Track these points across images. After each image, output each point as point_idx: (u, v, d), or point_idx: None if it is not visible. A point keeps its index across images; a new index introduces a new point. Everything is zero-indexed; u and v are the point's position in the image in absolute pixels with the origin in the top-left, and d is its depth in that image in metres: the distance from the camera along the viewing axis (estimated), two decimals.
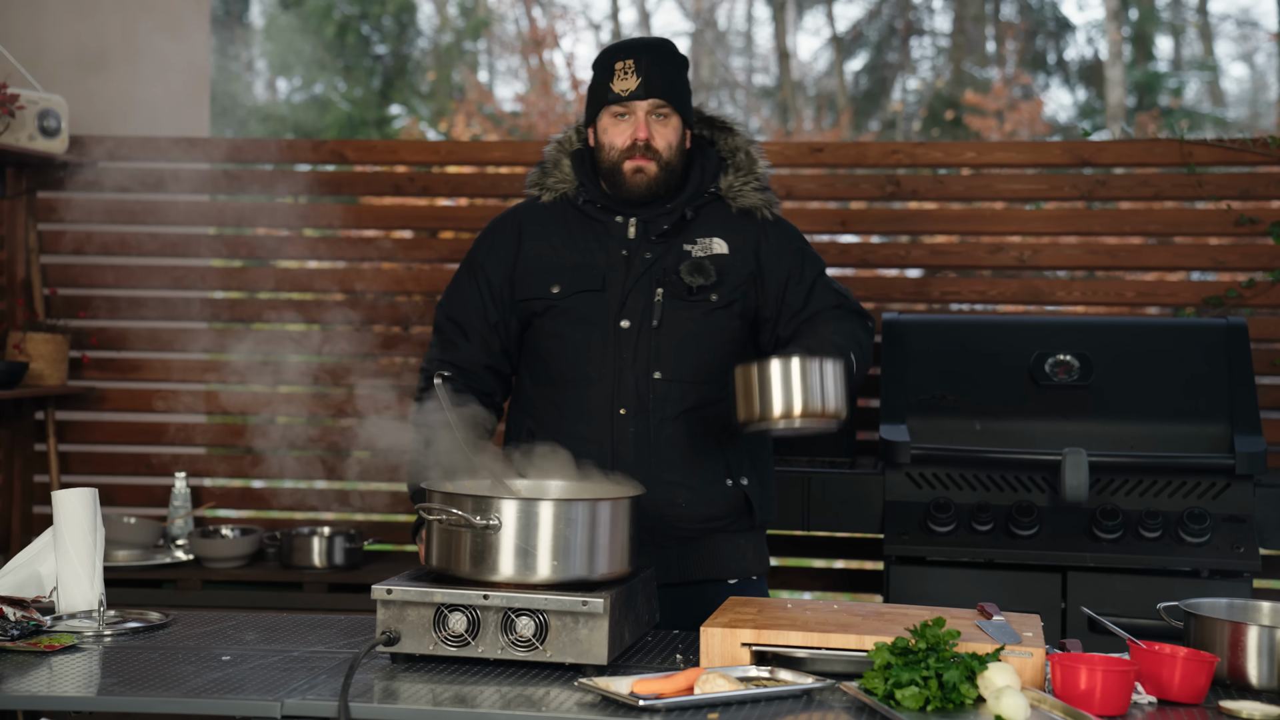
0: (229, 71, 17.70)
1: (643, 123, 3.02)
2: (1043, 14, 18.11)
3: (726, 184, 3.14)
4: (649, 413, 3.03)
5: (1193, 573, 3.98)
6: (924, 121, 17.21)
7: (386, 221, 5.44)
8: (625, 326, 3.05)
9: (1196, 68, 18.15)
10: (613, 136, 3.05)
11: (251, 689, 2.38)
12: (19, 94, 4.84)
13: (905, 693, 2.25)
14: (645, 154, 3.03)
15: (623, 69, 3.02)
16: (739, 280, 3.08)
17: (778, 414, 2.68)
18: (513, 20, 18.88)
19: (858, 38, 18.57)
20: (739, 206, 3.13)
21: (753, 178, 3.15)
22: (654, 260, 3.07)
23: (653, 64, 3.02)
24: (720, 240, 3.09)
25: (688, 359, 3.05)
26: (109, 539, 4.44)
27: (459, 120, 16.25)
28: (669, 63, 3.06)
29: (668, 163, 3.05)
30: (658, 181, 3.05)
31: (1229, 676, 2.49)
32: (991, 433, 4.22)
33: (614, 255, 3.09)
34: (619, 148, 3.04)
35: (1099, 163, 4.98)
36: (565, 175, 3.17)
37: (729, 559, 3.12)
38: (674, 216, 3.08)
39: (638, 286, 3.06)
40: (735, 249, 3.09)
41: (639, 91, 3.01)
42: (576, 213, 3.14)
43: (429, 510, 2.58)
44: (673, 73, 3.05)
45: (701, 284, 3.04)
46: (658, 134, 3.03)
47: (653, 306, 3.05)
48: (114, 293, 5.35)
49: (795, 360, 2.68)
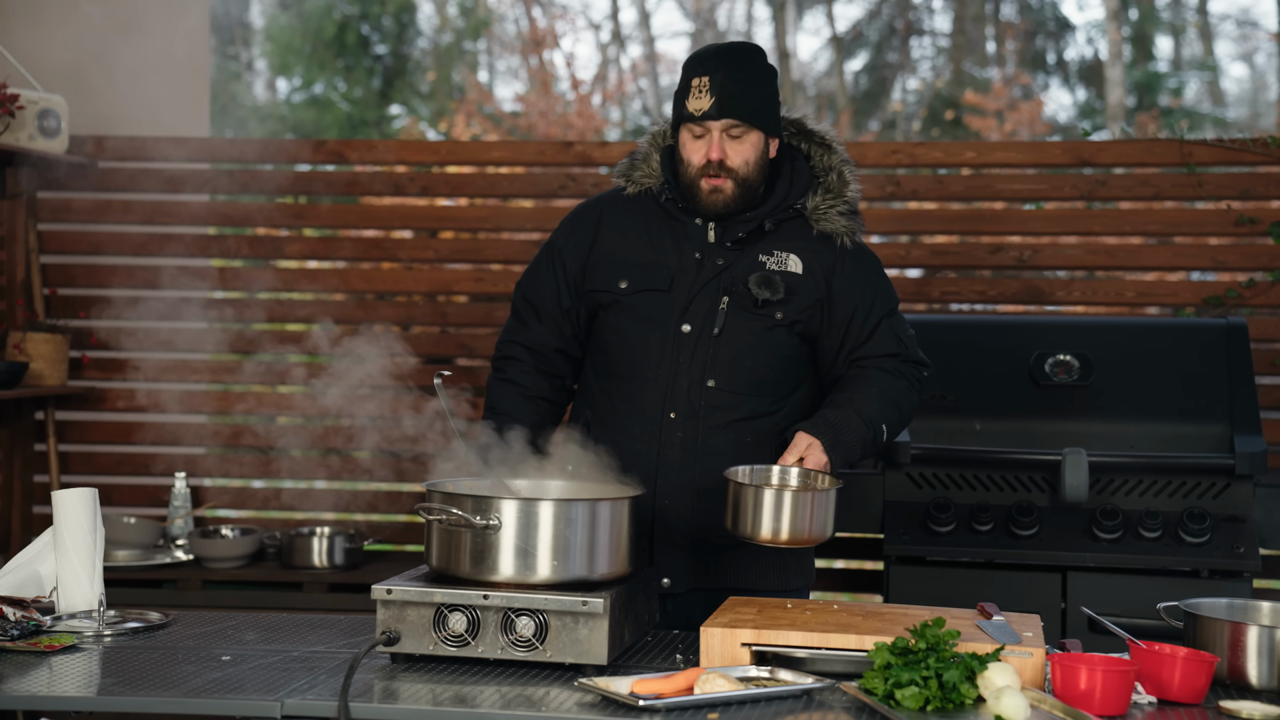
0: (229, 71, 17.70)
1: (717, 143, 2.96)
2: (1043, 14, 18.11)
3: (813, 204, 3.08)
4: (699, 419, 3.01)
5: (1193, 573, 3.98)
6: (924, 121, 17.21)
7: (386, 221, 5.44)
8: (686, 330, 3.02)
9: (1196, 68, 18.16)
10: (690, 153, 3.00)
11: (251, 689, 2.38)
12: (19, 94, 4.84)
13: (905, 693, 2.25)
14: (720, 173, 2.98)
15: (698, 86, 2.95)
16: (807, 303, 3.03)
17: (765, 537, 2.73)
18: (513, 20, 18.89)
19: (858, 38, 18.57)
20: (820, 229, 3.07)
21: (841, 201, 3.09)
22: (725, 267, 3.04)
23: (727, 81, 2.94)
24: (796, 258, 3.04)
25: (743, 370, 3.02)
26: (109, 539, 4.44)
27: (459, 120, 16.25)
28: (745, 79, 2.96)
29: (745, 179, 2.99)
30: (734, 199, 3.00)
31: (1229, 676, 2.49)
32: (991, 433, 4.22)
33: (687, 257, 3.05)
34: (695, 165, 3.00)
35: (1099, 163, 4.98)
36: (653, 170, 3.12)
37: (769, 571, 3.08)
38: (751, 225, 3.04)
39: (704, 291, 3.03)
40: (809, 270, 3.04)
41: (712, 111, 2.94)
42: (658, 209, 3.11)
43: (429, 510, 2.58)
44: (749, 90, 2.97)
45: (768, 298, 3.00)
46: (732, 153, 2.98)
47: (716, 314, 3.02)
48: (114, 293, 5.34)
49: (788, 495, 2.72)
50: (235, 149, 5.40)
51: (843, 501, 4.30)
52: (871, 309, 3.07)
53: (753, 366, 3.03)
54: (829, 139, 3.15)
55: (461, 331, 5.30)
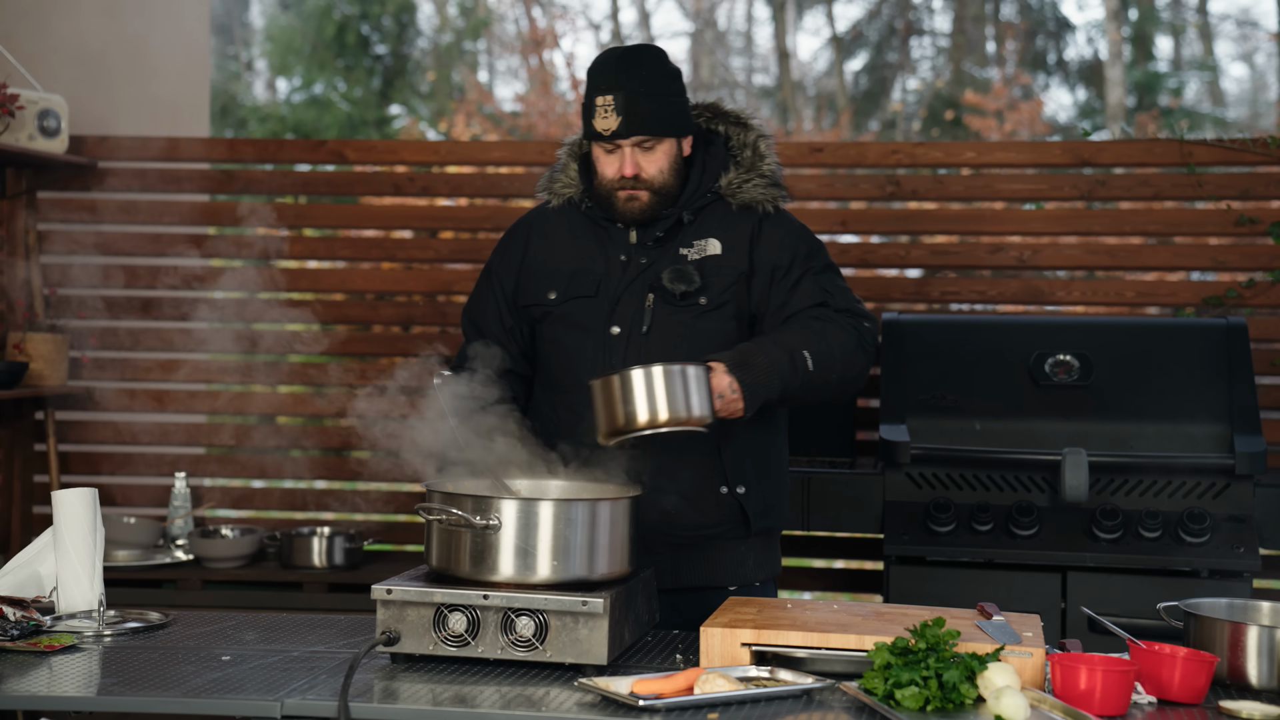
0: (229, 71, 17.70)
1: (629, 159, 2.98)
2: (1043, 14, 18.11)
3: (726, 181, 3.10)
4: None
5: (1193, 573, 3.98)
6: (924, 121, 17.21)
7: (386, 221, 5.44)
8: (616, 333, 3.04)
9: (1196, 68, 18.16)
10: (603, 167, 3.03)
11: (251, 689, 2.38)
12: (19, 94, 4.84)
13: (905, 693, 2.25)
14: (635, 185, 3.00)
15: (604, 105, 2.95)
16: (729, 281, 3.04)
17: (642, 421, 2.71)
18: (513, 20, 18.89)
19: (858, 38, 18.57)
20: (738, 203, 3.09)
21: (756, 174, 3.10)
22: (648, 265, 3.05)
23: (630, 99, 2.94)
24: (715, 241, 3.06)
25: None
26: (109, 539, 4.44)
27: (459, 120, 16.25)
28: (650, 93, 2.97)
29: (660, 187, 3.02)
30: (651, 206, 3.02)
31: (1229, 676, 2.49)
32: (991, 433, 4.22)
33: (613, 261, 3.08)
34: (609, 178, 3.02)
35: (1099, 163, 4.97)
36: (571, 180, 3.15)
37: (726, 566, 3.08)
38: (669, 222, 3.06)
39: (629, 292, 3.05)
40: (729, 248, 3.05)
41: (620, 130, 2.95)
42: (581, 217, 3.13)
43: (429, 510, 2.58)
44: (654, 104, 2.97)
45: (685, 290, 3.01)
46: (646, 164, 3.00)
47: (643, 312, 3.03)
48: (114, 293, 5.35)
49: (657, 368, 2.71)
50: (235, 149, 5.40)
51: (842, 501, 4.33)
52: (792, 265, 3.05)
53: (688, 358, 2.97)
54: (744, 117, 3.16)
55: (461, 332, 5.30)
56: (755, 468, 3.08)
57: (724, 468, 3.03)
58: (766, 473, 3.11)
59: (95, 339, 5.27)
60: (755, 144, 3.14)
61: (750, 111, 3.18)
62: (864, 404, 4.94)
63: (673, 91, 3.02)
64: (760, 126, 3.16)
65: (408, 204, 5.52)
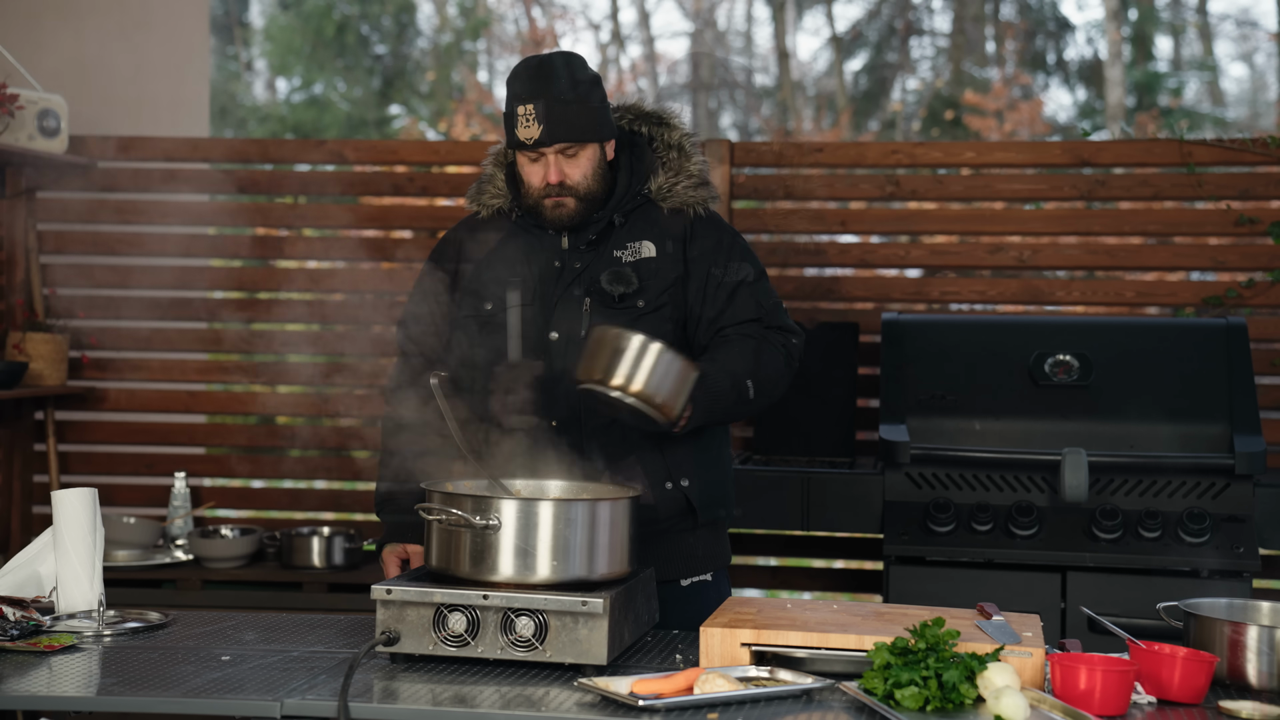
0: (229, 71, 17.70)
1: (554, 167, 2.97)
2: (1042, 14, 18.11)
3: (656, 185, 3.09)
4: (580, 423, 2.99)
5: (1192, 573, 3.98)
6: (924, 121, 17.22)
7: (386, 221, 5.44)
8: (554, 338, 3.03)
9: (1196, 68, 18.16)
10: (528, 175, 3.02)
11: (251, 689, 2.38)
12: (19, 94, 4.84)
13: (905, 693, 2.25)
14: (560, 192, 3.00)
15: (524, 114, 2.95)
16: (666, 284, 3.04)
17: (616, 382, 2.70)
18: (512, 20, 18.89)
19: (857, 38, 18.57)
20: (670, 206, 3.09)
21: (685, 175, 3.10)
22: (583, 269, 3.04)
23: (551, 107, 2.93)
24: (649, 243, 3.06)
25: None
26: (109, 539, 4.44)
27: (459, 120, 16.26)
28: (569, 100, 2.95)
29: (585, 192, 3.01)
30: (578, 212, 3.02)
31: (1228, 676, 2.49)
32: (991, 433, 4.22)
33: (547, 267, 3.07)
34: (535, 186, 3.01)
35: (1099, 163, 4.97)
36: (499, 190, 3.13)
37: (676, 559, 3.08)
38: (601, 225, 3.05)
39: (566, 296, 3.04)
40: (663, 251, 3.05)
41: (543, 138, 2.94)
42: (512, 226, 3.12)
43: (429, 510, 2.58)
44: (574, 111, 2.96)
45: (623, 291, 3.01)
46: (570, 171, 2.99)
47: (580, 316, 3.02)
48: (114, 293, 5.35)
49: (656, 344, 2.71)
50: (235, 149, 5.40)
51: (842, 501, 4.33)
52: (725, 274, 3.05)
53: None
54: (666, 116, 3.15)
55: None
56: (698, 460, 3.08)
57: (666, 463, 3.03)
58: (709, 465, 3.11)
59: (95, 339, 5.27)
60: (680, 143, 3.13)
61: (673, 110, 3.17)
62: (864, 404, 4.94)
63: (593, 97, 3.00)
64: (683, 125, 3.16)
65: (408, 204, 5.52)
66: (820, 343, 4.78)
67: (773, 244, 5.15)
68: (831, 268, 5.27)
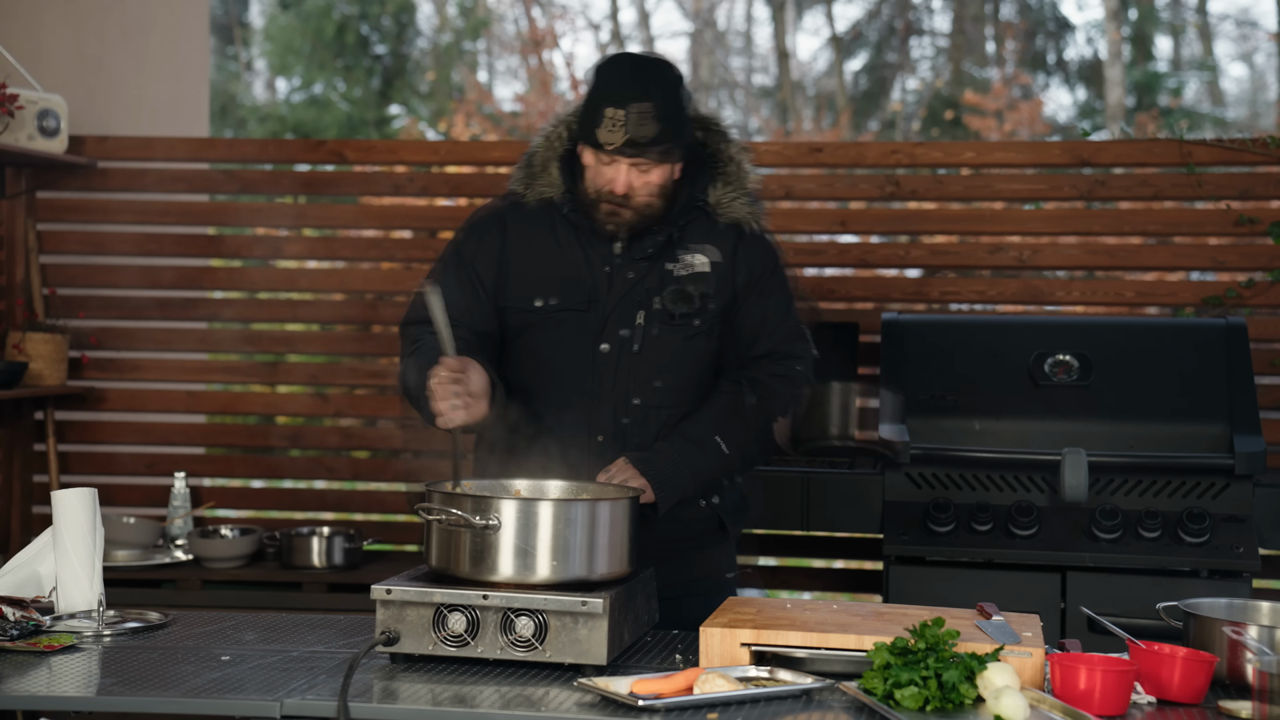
0: (229, 71, 17.70)
1: (624, 178, 2.88)
2: (1042, 14, 18.11)
3: (715, 197, 3.02)
4: (625, 440, 2.95)
5: (1192, 573, 3.98)
6: (923, 121, 17.21)
7: (386, 221, 5.44)
8: (605, 350, 2.96)
9: (1196, 68, 18.16)
10: (594, 174, 2.92)
11: (251, 689, 2.38)
12: (19, 94, 4.84)
13: (905, 693, 2.25)
14: (622, 203, 2.90)
15: (612, 118, 2.84)
16: (721, 304, 3.00)
17: None
18: (512, 20, 18.89)
19: (857, 38, 18.57)
20: (726, 220, 3.03)
21: (741, 191, 3.04)
22: (636, 280, 2.97)
23: (641, 120, 2.83)
24: (701, 258, 2.99)
25: (667, 384, 2.97)
26: (109, 539, 4.43)
27: (458, 120, 16.26)
28: (662, 116, 2.85)
29: (647, 207, 2.92)
30: (632, 224, 2.92)
31: (1228, 676, 2.49)
32: (991, 433, 4.22)
33: (598, 272, 2.97)
34: (598, 187, 2.91)
35: (1098, 163, 4.97)
36: (553, 180, 3.00)
37: (699, 570, 3.07)
38: (660, 237, 2.97)
39: (619, 308, 2.96)
40: (716, 264, 3.00)
41: (625, 149, 2.84)
42: (563, 220, 3.00)
43: (428, 510, 2.58)
44: (662, 126, 2.85)
45: (685, 311, 2.95)
46: (638, 184, 2.89)
47: (634, 330, 2.96)
48: (114, 293, 5.35)
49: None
50: (235, 149, 5.40)
51: (842, 501, 4.33)
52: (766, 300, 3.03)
53: (676, 379, 2.98)
54: (723, 126, 3.09)
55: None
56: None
57: None
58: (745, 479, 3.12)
59: (95, 339, 5.27)
60: (739, 158, 3.07)
61: (723, 119, 3.11)
62: (864, 404, 4.94)
63: (681, 115, 2.91)
64: (739, 140, 3.10)
65: (407, 204, 5.52)
66: (820, 343, 4.77)
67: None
68: (831, 268, 5.27)
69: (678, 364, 2.98)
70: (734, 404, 2.96)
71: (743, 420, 2.94)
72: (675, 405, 2.98)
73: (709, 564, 3.09)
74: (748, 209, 3.05)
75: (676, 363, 2.98)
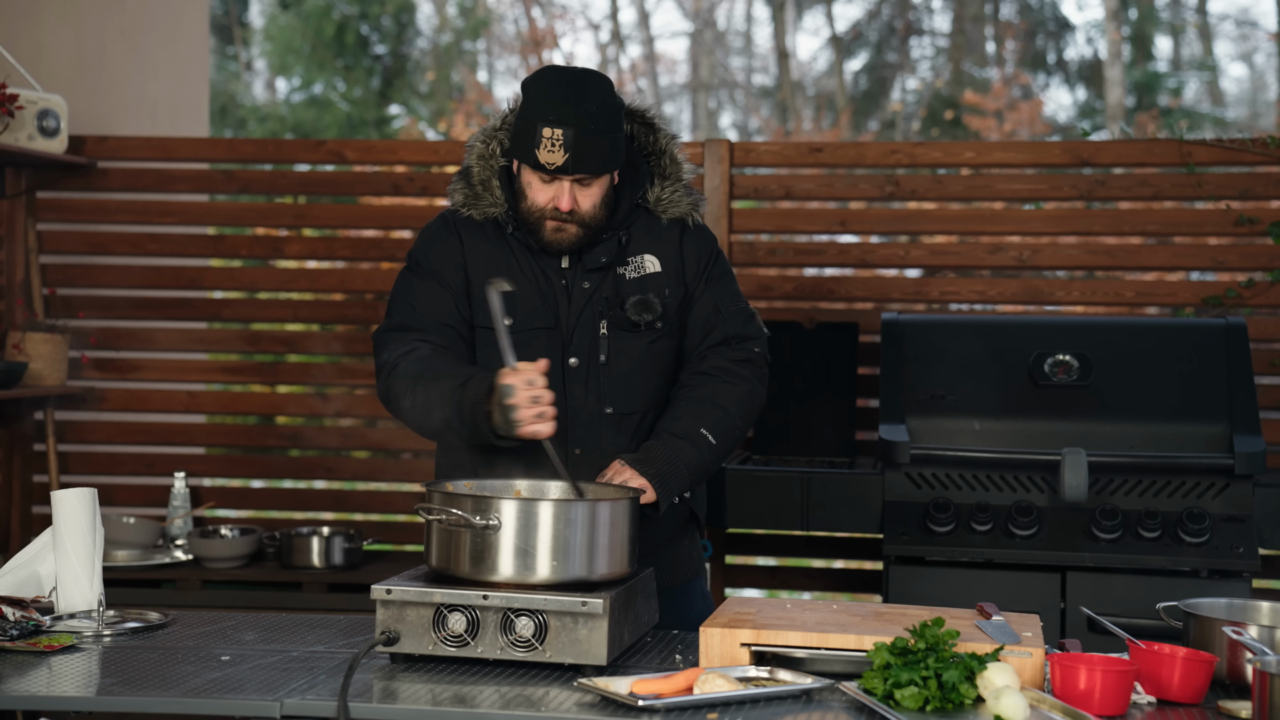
0: (228, 71, 17.70)
1: (567, 195, 2.85)
2: (1042, 14, 18.12)
3: (654, 196, 3.01)
4: (601, 449, 2.95)
5: (1192, 573, 3.98)
6: (923, 121, 17.22)
7: (386, 221, 5.44)
8: (574, 364, 2.95)
9: (1196, 68, 18.17)
10: (535, 194, 2.88)
11: (251, 689, 2.38)
12: (19, 94, 4.84)
13: (904, 693, 2.25)
14: (568, 219, 2.88)
15: (550, 138, 2.80)
16: (676, 302, 3.00)
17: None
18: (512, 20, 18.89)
19: (857, 38, 18.58)
20: (669, 217, 3.02)
21: (678, 183, 3.02)
22: (592, 290, 2.96)
23: (580, 138, 2.80)
24: (651, 257, 2.99)
25: (637, 388, 2.97)
26: (109, 539, 4.44)
27: (458, 120, 16.26)
28: (598, 129, 2.82)
29: (592, 219, 2.90)
30: (579, 239, 2.90)
31: (1228, 676, 2.49)
32: (991, 433, 4.22)
33: (556, 286, 2.96)
34: (540, 206, 2.88)
35: (1098, 163, 4.98)
36: (496, 199, 2.96)
37: (679, 563, 3.08)
38: (611, 245, 2.97)
39: (581, 321, 2.95)
40: (665, 262, 3.00)
41: (566, 166, 2.81)
42: (510, 237, 2.97)
43: (429, 510, 2.58)
44: (601, 142, 2.83)
45: (649, 319, 2.96)
46: (582, 200, 2.87)
47: (599, 341, 2.96)
48: (114, 293, 5.35)
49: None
50: (235, 149, 5.40)
51: (842, 501, 4.33)
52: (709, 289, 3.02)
53: (644, 382, 2.98)
54: (650, 118, 3.06)
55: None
56: None
57: None
58: None
59: (95, 339, 5.27)
60: (668, 149, 3.04)
61: (654, 110, 3.08)
62: (863, 404, 4.94)
63: (616, 128, 2.88)
64: (666, 126, 3.07)
65: (407, 204, 5.52)
66: (820, 343, 4.78)
67: (772, 244, 5.15)
68: (831, 268, 5.27)
69: (644, 368, 2.99)
70: (710, 394, 2.96)
71: (721, 409, 2.95)
72: (646, 409, 3.00)
73: (684, 559, 3.10)
74: (688, 201, 3.04)
75: (643, 367, 2.99)
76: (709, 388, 2.97)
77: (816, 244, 5.15)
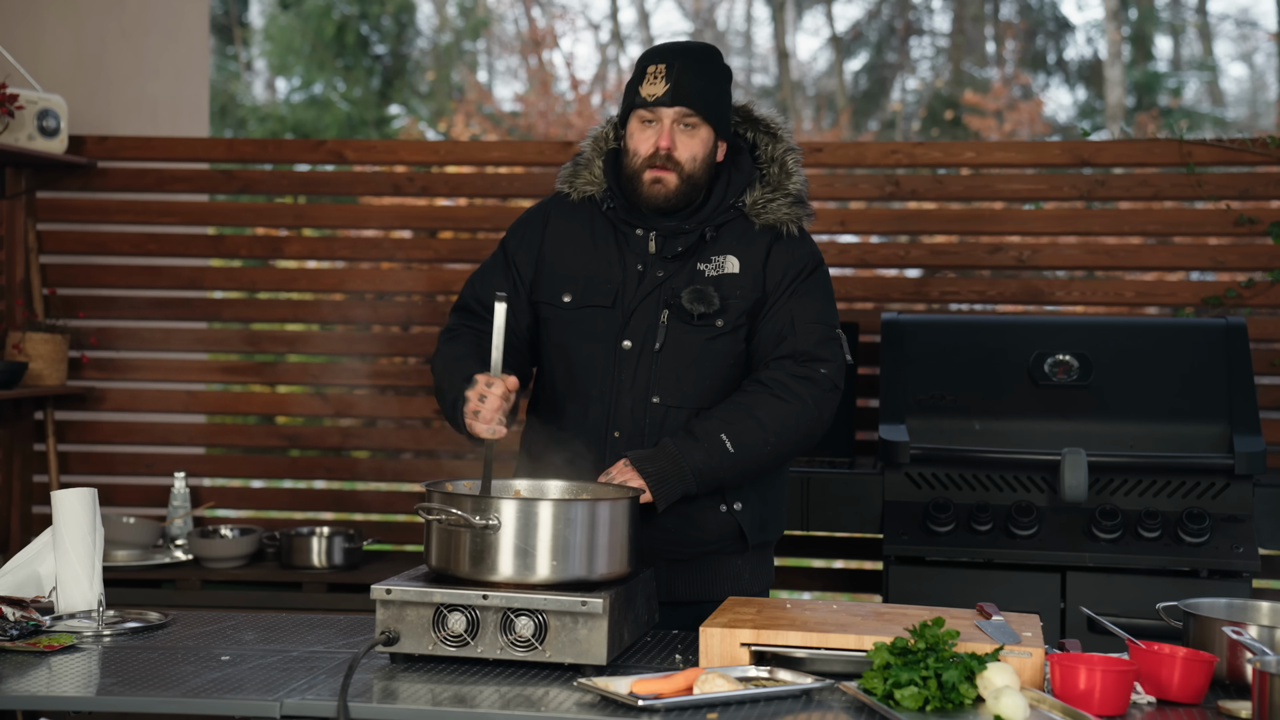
0: (228, 71, 17.70)
1: (667, 130, 2.88)
2: (1042, 14, 18.11)
3: (751, 200, 3.00)
4: (644, 437, 2.94)
5: (1192, 573, 3.98)
6: (923, 121, 17.22)
7: (386, 221, 5.44)
8: (627, 347, 2.95)
9: (1196, 68, 18.16)
10: (638, 142, 2.92)
11: (251, 689, 2.38)
12: (19, 94, 4.84)
13: (904, 693, 2.25)
14: (666, 164, 2.90)
15: (654, 73, 2.88)
16: (745, 305, 2.96)
17: None
18: (512, 20, 18.89)
19: (857, 38, 18.57)
20: (761, 222, 2.99)
21: (782, 194, 3.00)
22: (664, 279, 2.96)
23: (684, 71, 2.87)
24: (733, 259, 2.96)
25: (688, 383, 2.95)
26: (109, 539, 4.44)
27: (458, 120, 16.25)
28: (703, 72, 2.90)
29: (689, 175, 2.91)
30: (676, 194, 2.91)
31: (1228, 676, 2.49)
32: (991, 433, 4.22)
33: (630, 270, 2.98)
34: (642, 154, 2.91)
35: (1098, 163, 4.98)
36: (595, 177, 3.03)
37: (723, 580, 3.03)
38: (692, 237, 2.96)
39: (643, 306, 2.95)
40: (746, 268, 2.96)
41: (665, 98, 2.86)
42: (601, 218, 3.02)
43: (428, 510, 2.58)
44: (705, 82, 2.90)
45: (703, 312, 2.93)
46: (681, 144, 2.89)
47: (657, 328, 2.95)
48: (114, 293, 5.35)
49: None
50: (235, 149, 5.40)
51: (842, 501, 4.33)
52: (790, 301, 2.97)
53: (697, 379, 2.95)
54: (774, 126, 3.06)
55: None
56: (754, 484, 3.01)
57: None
58: (765, 487, 3.05)
59: (95, 339, 5.27)
60: (783, 159, 3.03)
61: (780, 121, 3.07)
62: (863, 404, 4.94)
63: (723, 86, 2.95)
64: (789, 139, 3.06)
65: (407, 204, 5.52)
66: None
67: None
68: (832, 268, 5.27)
69: (699, 364, 2.95)
70: (750, 404, 2.90)
71: (755, 420, 2.88)
72: (695, 405, 2.95)
73: (731, 577, 3.03)
74: (786, 211, 3.00)
75: (698, 363, 2.95)
76: (754, 397, 2.91)
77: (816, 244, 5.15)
